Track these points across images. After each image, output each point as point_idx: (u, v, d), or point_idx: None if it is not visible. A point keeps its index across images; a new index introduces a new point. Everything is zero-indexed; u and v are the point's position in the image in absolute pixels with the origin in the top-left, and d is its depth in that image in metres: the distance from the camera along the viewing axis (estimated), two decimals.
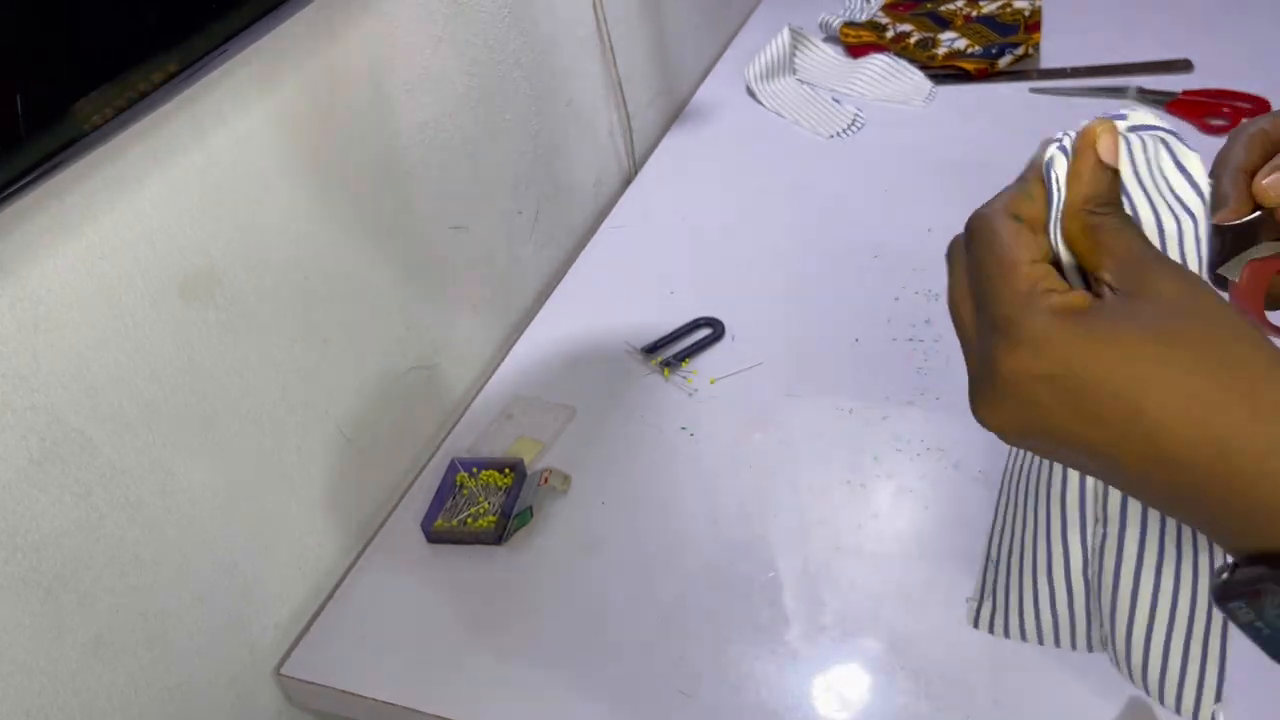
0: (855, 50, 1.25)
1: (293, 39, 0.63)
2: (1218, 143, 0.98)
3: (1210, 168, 0.42)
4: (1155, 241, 0.37)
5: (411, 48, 0.75)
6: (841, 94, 1.19)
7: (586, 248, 1.02)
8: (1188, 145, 0.39)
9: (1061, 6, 1.26)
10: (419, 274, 0.80)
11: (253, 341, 0.64)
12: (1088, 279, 0.36)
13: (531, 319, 0.94)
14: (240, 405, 0.63)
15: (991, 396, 0.34)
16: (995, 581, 0.51)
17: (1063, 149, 0.37)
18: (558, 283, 0.98)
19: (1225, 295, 0.42)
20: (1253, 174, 0.42)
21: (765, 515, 0.71)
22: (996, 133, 1.07)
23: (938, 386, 0.78)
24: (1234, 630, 0.36)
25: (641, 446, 0.78)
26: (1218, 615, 0.44)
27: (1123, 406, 0.31)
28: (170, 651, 0.60)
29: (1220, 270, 0.43)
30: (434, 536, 0.74)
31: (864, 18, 1.31)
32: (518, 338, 0.92)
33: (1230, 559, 0.33)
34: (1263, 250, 0.42)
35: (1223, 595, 0.32)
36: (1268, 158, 0.42)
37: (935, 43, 1.23)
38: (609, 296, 0.95)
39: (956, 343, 0.37)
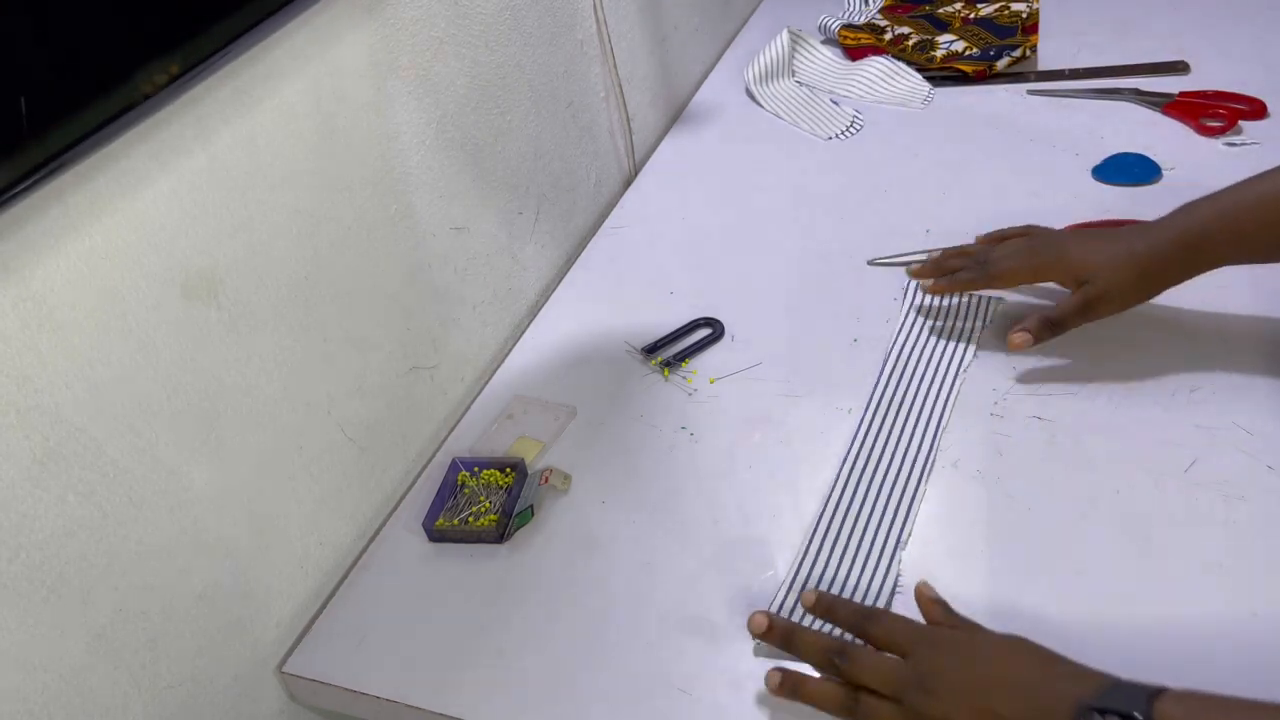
0: (854, 52, 1.25)
1: (295, 41, 0.64)
2: (1214, 143, 0.99)
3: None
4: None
5: (413, 50, 0.75)
6: (840, 96, 1.20)
7: (587, 248, 1.02)
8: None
9: (1059, 9, 1.26)
10: (420, 274, 0.80)
11: (254, 341, 0.64)
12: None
13: (532, 319, 0.94)
14: (242, 405, 0.64)
15: None
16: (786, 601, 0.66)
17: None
18: (558, 283, 0.98)
19: None
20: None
21: (765, 515, 0.71)
22: (994, 135, 1.07)
23: None
24: None
25: (641, 446, 0.79)
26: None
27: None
28: (173, 650, 0.60)
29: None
30: (436, 535, 0.74)
31: (862, 20, 1.32)
32: (518, 338, 0.93)
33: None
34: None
35: None
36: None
37: (933, 45, 1.23)
38: (609, 296, 0.95)
39: None
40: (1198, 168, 0.95)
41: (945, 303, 0.85)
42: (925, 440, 0.74)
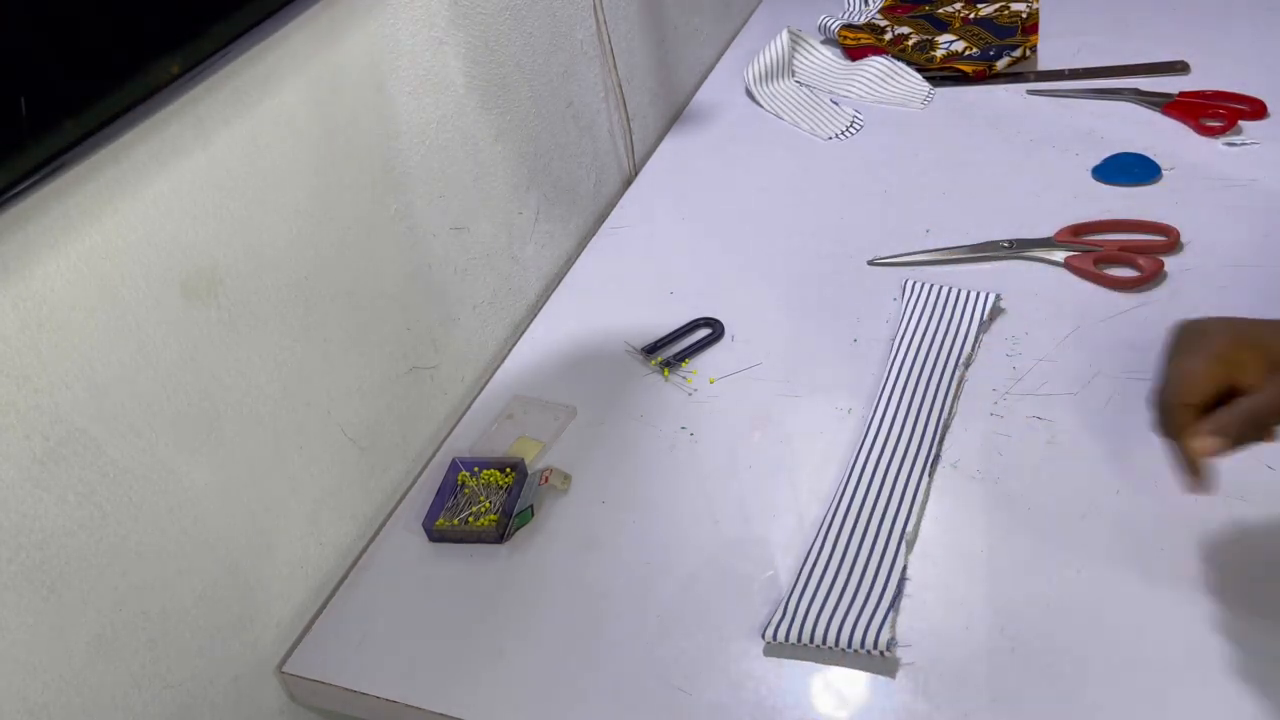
0: (854, 53, 1.25)
1: (295, 41, 0.64)
2: (1214, 143, 0.99)
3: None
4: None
5: (413, 50, 0.75)
6: (840, 96, 1.20)
7: (587, 248, 1.02)
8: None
9: (1059, 9, 1.26)
10: (420, 274, 0.80)
11: (254, 341, 0.64)
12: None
13: (532, 319, 0.94)
14: (242, 405, 0.64)
15: None
16: (795, 598, 0.64)
17: None
18: (558, 283, 0.98)
19: None
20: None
21: (765, 515, 0.71)
22: (994, 135, 1.07)
23: None
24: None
25: (641, 446, 0.79)
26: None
27: None
28: (172, 650, 0.60)
29: None
30: (436, 535, 0.74)
31: (862, 20, 1.32)
32: (518, 338, 0.93)
33: None
34: None
35: None
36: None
37: (933, 45, 1.23)
38: (609, 296, 0.95)
39: None
40: (1197, 168, 0.96)
41: (942, 301, 0.85)
42: (928, 439, 0.73)
